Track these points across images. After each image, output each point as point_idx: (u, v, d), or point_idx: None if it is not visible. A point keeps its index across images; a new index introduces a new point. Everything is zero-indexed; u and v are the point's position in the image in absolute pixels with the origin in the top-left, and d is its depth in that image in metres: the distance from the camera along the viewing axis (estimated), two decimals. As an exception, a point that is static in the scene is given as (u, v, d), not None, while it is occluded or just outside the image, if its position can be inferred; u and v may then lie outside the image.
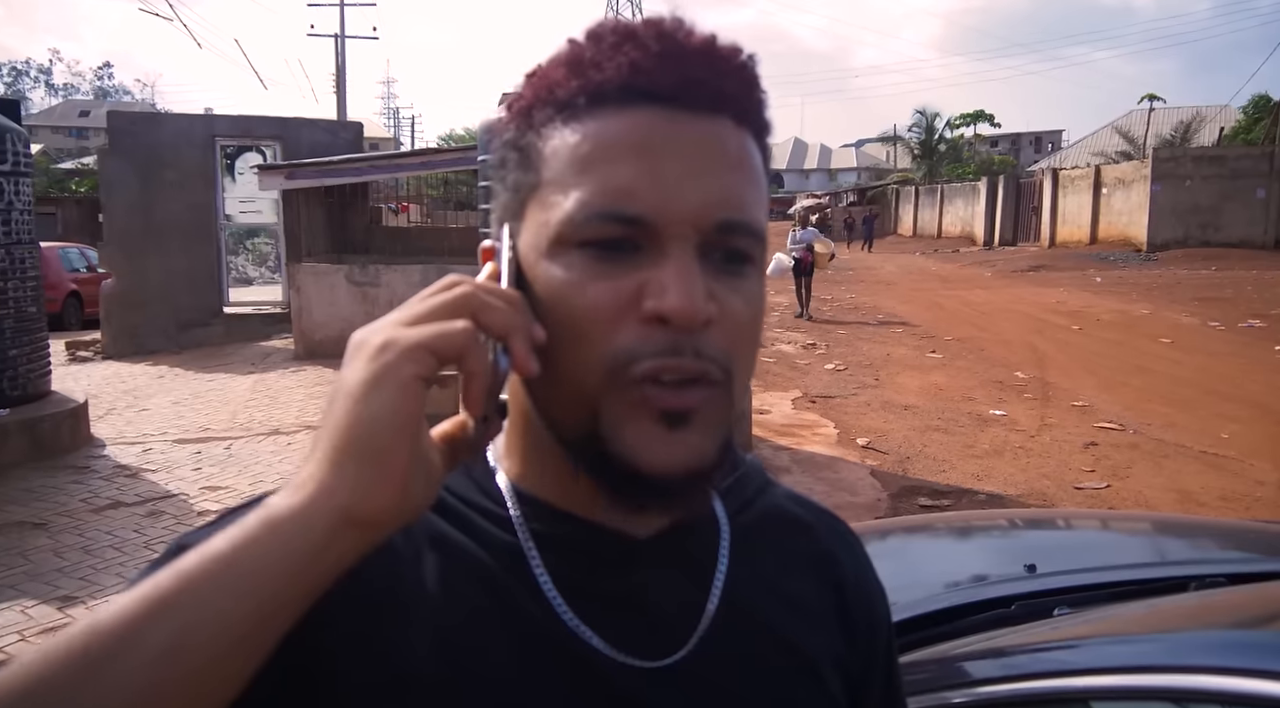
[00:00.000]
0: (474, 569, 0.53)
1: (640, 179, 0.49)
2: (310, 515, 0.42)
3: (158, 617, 0.40)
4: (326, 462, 0.42)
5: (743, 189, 0.51)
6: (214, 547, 0.41)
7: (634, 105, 0.50)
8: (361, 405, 0.42)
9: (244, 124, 12.01)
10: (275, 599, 0.41)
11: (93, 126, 56.03)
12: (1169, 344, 10.42)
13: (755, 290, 0.53)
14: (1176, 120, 33.52)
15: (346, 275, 9.83)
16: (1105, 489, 5.39)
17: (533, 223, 0.52)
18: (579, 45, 0.53)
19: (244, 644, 0.41)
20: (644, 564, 0.56)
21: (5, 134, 5.88)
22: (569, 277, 0.49)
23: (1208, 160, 23.40)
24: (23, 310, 6.03)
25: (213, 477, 5.56)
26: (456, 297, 0.46)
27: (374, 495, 0.42)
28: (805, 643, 0.60)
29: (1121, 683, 0.93)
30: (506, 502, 0.56)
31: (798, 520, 0.66)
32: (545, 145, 0.52)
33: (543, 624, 0.53)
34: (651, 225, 0.49)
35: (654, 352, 0.48)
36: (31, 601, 3.74)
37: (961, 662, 1.17)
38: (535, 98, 0.53)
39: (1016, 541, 2.04)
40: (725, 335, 0.50)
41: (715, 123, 0.51)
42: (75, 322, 13.84)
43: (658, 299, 0.48)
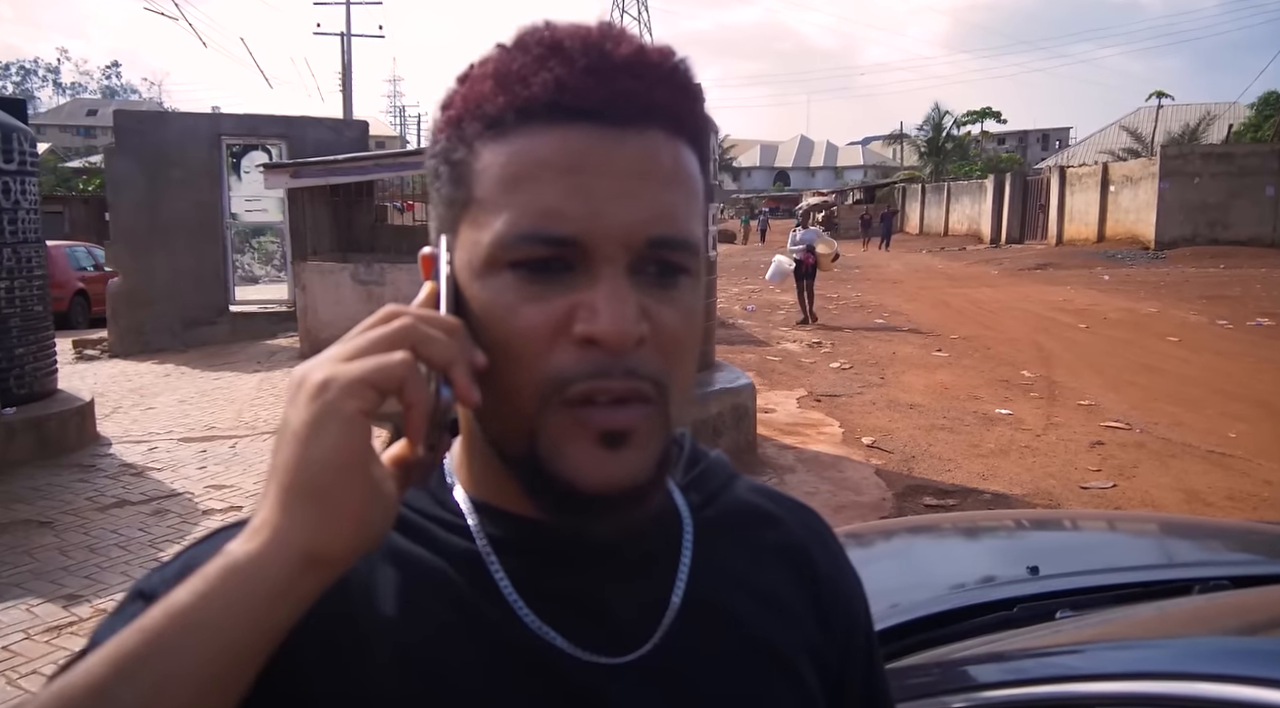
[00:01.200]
0: (433, 579, 0.54)
1: (568, 200, 0.48)
2: (269, 561, 0.42)
3: (128, 676, 0.40)
4: (278, 505, 0.42)
5: (675, 203, 0.51)
6: (176, 600, 0.42)
7: (561, 123, 0.49)
8: (306, 447, 0.42)
9: (250, 123, 12.03)
10: (242, 646, 0.42)
11: (100, 125, 56.23)
12: (1176, 343, 10.37)
13: (689, 301, 0.52)
14: (1185, 118, 33.40)
15: (352, 274, 9.84)
16: (1111, 489, 5.37)
17: (466, 240, 0.52)
18: (506, 56, 0.52)
19: (217, 692, 0.42)
20: (602, 563, 0.56)
21: (11, 133, 5.90)
22: (501, 299, 0.49)
23: (1216, 158, 23.30)
24: (29, 309, 6.05)
25: (218, 475, 5.57)
26: (395, 330, 0.45)
27: (329, 534, 0.42)
28: (776, 636, 0.59)
29: (1123, 689, 0.92)
30: (464, 511, 0.56)
31: (766, 513, 0.65)
32: (477, 161, 0.51)
33: (504, 627, 0.53)
34: (581, 246, 0.48)
35: (586, 374, 0.48)
36: (37, 599, 3.75)
37: (962, 666, 1.17)
38: (465, 110, 0.52)
39: (1020, 542, 2.03)
40: (659, 350, 0.50)
41: (645, 137, 0.50)
42: (82, 320, 13.89)
43: (588, 323, 0.48)
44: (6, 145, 5.83)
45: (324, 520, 0.42)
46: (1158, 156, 23.79)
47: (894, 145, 56.82)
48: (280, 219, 12.00)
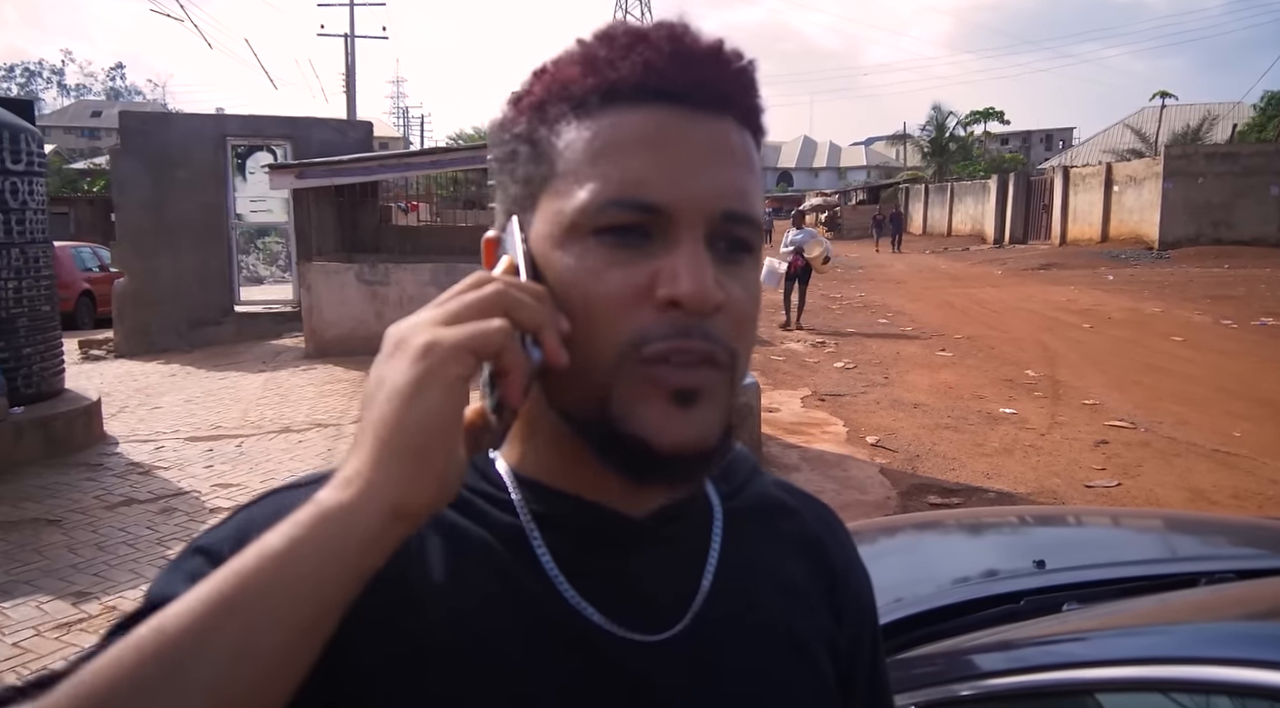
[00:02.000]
0: (478, 551, 0.55)
1: (654, 170, 0.51)
2: (362, 511, 0.43)
3: (224, 619, 0.41)
4: (374, 459, 0.44)
5: (745, 183, 0.54)
6: (269, 544, 0.43)
7: (647, 103, 0.52)
8: (409, 406, 0.44)
9: (255, 124, 12.06)
10: (333, 593, 0.43)
11: (105, 127, 56.32)
12: (1181, 342, 10.36)
13: (753, 279, 0.55)
14: (1188, 117, 33.33)
15: (357, 274, 9.87)
16: (1116, 487, 5.36)
17: (546, 212, 0.54)
18: (592, 45, 0.55)
19: (307, 639, 0.43)
20: (640, 544, 0.58)
21: (19, 134, 5.93)
22: (584, 264, 0.51)
23: (1220, 157, 23.25)
24: (37, 309, 6.08)
25: (225, 474, 5.59)
26: (489, 295, 0.47)
27: (419, 491, 0.44)
28: (795, 622, 0.62)
29: (1128, 675, 0.93)
30: (508, 486, 0.58)
31: (786, 506, 0.68)
32: (559, 139, 0.54)
33: (544, 601, 0.55)
34: (664, 213, 0.51)
35: (666, 334, 0.50)
36: (47, 596, 3.77)
37: (969, 654, 1.18)
38: (548, 94, 0.55)
39: (1026, 537, 2.04)
40: (730, 322, 0.52)
41: (721, 121, 0.54)
42: (88, 321, 13.93)
43: (671, 285, 0.50)
44: (14, 146, 5.86)
45: (415, 477, 0.43)
46: (1161, 156, 23.75)
47: (897, 146, 56.80)
48: (285, 220, 12.03)
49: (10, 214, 5.84)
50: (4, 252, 5.81)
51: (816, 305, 14.92)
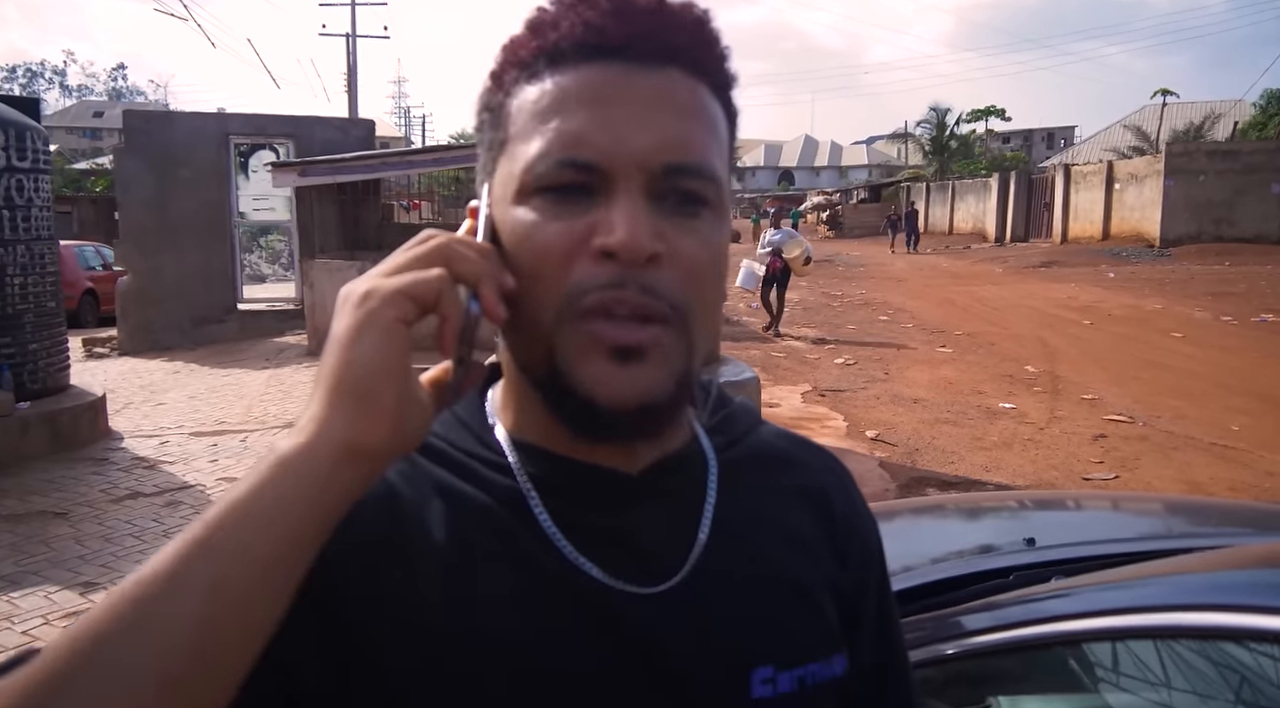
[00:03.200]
0: (478, 512, 0.57)
1: (591, 127, 0.53)
2: (314, 451, 0.46)
3: (196, 558, 0.44)
4: (324, 403, 0.47)
5: (691, 133, 0.54)
6: (234, 493, 0.46)
7: (588, 61, 0.54)
8: (350, 350, 0.47)
9: (257, 122, 12.11)
10: (295, 529, 0.45)
11: (107, 127, 56.36)
12: (1180, 338, 10.39)
13: (710, 233, 0.55)
14: (1190, 115, 33.32)
15: (359, 271, 9.80)
16: (1114, 480, 5.40)
17: (501, 175, 0.57)
18: (540, 10, 0.57)
19: (274, 573, 0.45)
20: (635, 499, 0.59)
21: (26, 132, 5.98)
22: (529, 220, 0.54)
23: (1221, 155, 23.25)
24: (42, 305, 6.13)
25: (229, 469, 5.63)
26: (431, 248, 0.51)
27: (369, 429, 0.46)
28: (796, 569, 0.63)
29: (1111, 624, 0.96)
30: (505, 450, 0.60)
31: (787, 456, 0.69)
32: (511, 104, 0.56)
33: (544, 558, 0.56)
34: (601, 169, 0.52)
35: (601, 285, 0.52)
36: (55, 586, 3.82)
37: (954, 617, 1.21)
38: (505, 61, 0.58)
39: (1017, 518, 2.08)
40: (678, 275, 0.53)
41: (664, 74, 0.55)
42: (91, 319, 13.99)
43: (605, 236, 0.52)
44: (20, 144, 5.91)
45: (363, 416, 0.46)
46: (1163, 154, 23.75)
47: (898, 144, 56.79)
48: (287, 218, 12.07)
49: (16, 211, 5.89)
50: (10, 248, 5.86)
51: (816, 303, 14.96)
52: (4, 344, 5.84)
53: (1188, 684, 1.02)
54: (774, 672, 0.59)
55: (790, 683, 0.59)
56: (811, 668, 0.61)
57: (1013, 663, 1.15)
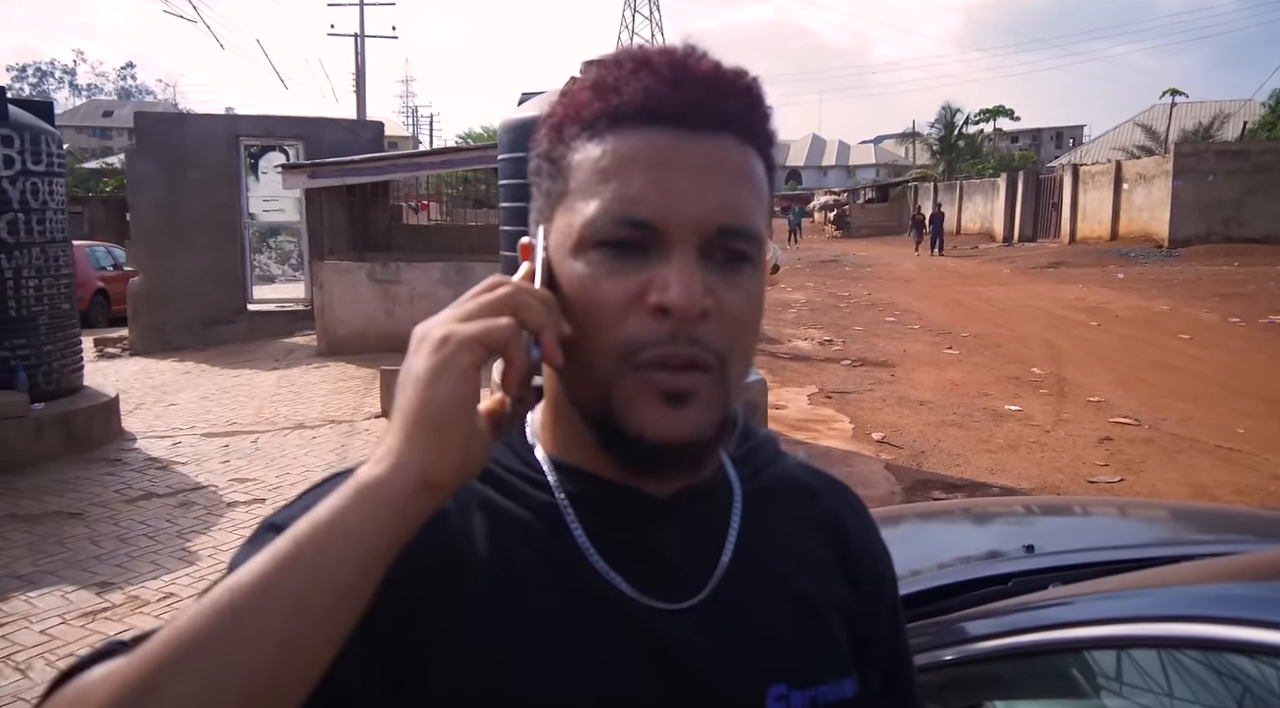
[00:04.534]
0: (518, 527, 0.62)
1: (650, 189, 0.57)
2: (393, 482, 0.50)
3: (286, 574, 0.48)
4: (402, 437, 0.51)
5: (740, 198, 0.59)
6: (318, 514, 0.49)
7: (647, 126, 0.59)
8: (429, 390, 0.51)
9: (267, 124, 12.18)
10: (373, 553, 0.49)
11: (116, 126, 56.61)
12: (1188, 340, 10.38)
13: (752, 287, 0.60)
14: (1199, 115, 33.19)
15: (368, 273, 9.97)
16: (1119, 483, 5.42)
17: (561, 225, 0.61)
18: (602, 71, 0.62)
19: (353, 593, 0.49)
20: (664, 520, 0.64)
21: (40, 135, 6.04)
22: (588, 273, 0.58)
23: (1231, 155, 23.15)
24: (56, 307, 6.19)
25: (241, 469, 5.69)
26: (500, 296, 0.55)
27: (442, 463, 0.50)
28: (812, 594, 0.67)
29: (1110, 633, 0.99)
30: (544, 470, 0.65)
31: (807, 487, 0.74)
32: (572, 158, 0.61)
33: (577, 570, 0.61)
34: (658, 229, 0.57)
35: (657, 340, 0.57)
36: (71, 586, 3.88)
37: (955, 624, 1.25)
38: (565, 116, 0.62)
39: (1017, 524, 2.11)
40: (721, 327, 0.58)
41: (718, 140, 0.59)
42: (102, 319, 14.07)
43: (661, 294, 0.56)
44: (36, 147, 5.98)
45: (438, 450, 0.50)
46: (1171, 154, 23.66)
47: (906, 144, 56.67)
48: (297, 219, 12.15)
49: (31, 214, 5.96)
50: (25, 251, 5.93)
51: (824, 304, 14.97)
52: (19, 346, 5.91)
53: (1187, 694, 1.05)
54: (788, 689, 0.63)
55: (803, 702, 0.63)
56: (823, 689, 0.65)
57: (1010, 669, 1.18)
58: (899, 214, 39.90)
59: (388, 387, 6.91)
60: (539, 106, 4.65)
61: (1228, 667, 1.09)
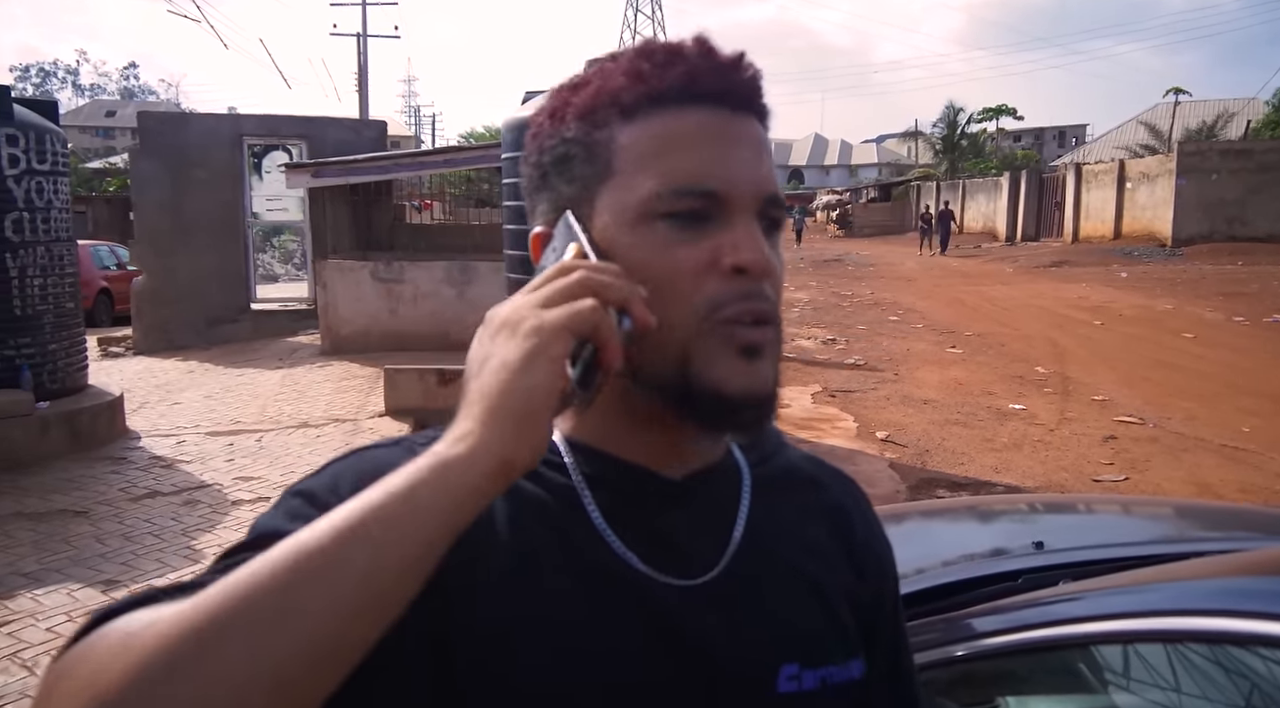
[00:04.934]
0: (535, 506, 0.63)
1: (711, 162, 0.61)
2: (474, 463, 0.50)
3: (357, 542, 0.47)
4: (484, 421, 0.51)
5: (773, 171, 0.64)
6: (394, 485, 0.49)
7: (693, 105, 0.62)
8: (519, 377, 0.51)
9: (270, 123, 12.19)
10: (443, 528, 0.49)
11: (119, 126, 56.68)
12: (1191, 339, 10.37)
13: (780, 249, 0.65)
14: (1202, 114, 33.15)
15: (372, 272, 9.98)
16: (1124, 482, 5.42)
17: (609, 205, 0.62)
18: (635, 60, 0.64)
19: (420, 564, 0.49)
20: (677, 502, 0.66)
21: (45, 135, 6.05)
22: (657, 241, 0.61)
23: (1234, 154, 23.11)
24: (61, 306, 6.21)
25: (245, 468, 5.70)
26: (577, 279, 0.55)
27: (522, 450, 0.51)
28: (819, 577, 0.69)
29: (1121, 628, 0.99)
30: (561, 450, 0.66)
31: (812, 478, 0.76)
32: (615, 140, 0.62)
33: (593, 548, 0.63)
34: (722, 198, 0.61)
35: (737, 297, 0.60)
36: (76, 584, 3.89)
37: (965, 619, 1.25)
38: (597, 102, 0.64)
39: (1026, 521, 2.11)
40: (775, 285, 0.63)
41: (749, 119, 0.64)
42: (106, 318, 14.11)
43: (735, 255, 0.60)
44: (40, 147, 5.99)
45: (520, 438, 0.51)
46: (1175, 153, 23.62)
47: (909, 143, 56.63)
48: (300, 218, 12.16)
49: (36, 213, 5.96)
50: (30, 250, 5.93)
51: (827, 303, 14.96)
52: (24, 344, 5.91)
53: (1195, 690, 1.05)
54: (799, 669, 0.64)
55: (814, 681, 0.65)
56: (832, 669, 0.66)
57: (1021, 665, 1.18)
58: (902, 213, 39.87)
59: (393, 386, 6.92)
60: (560, 97, 4.63)
61: (1235, 663, 1.09)
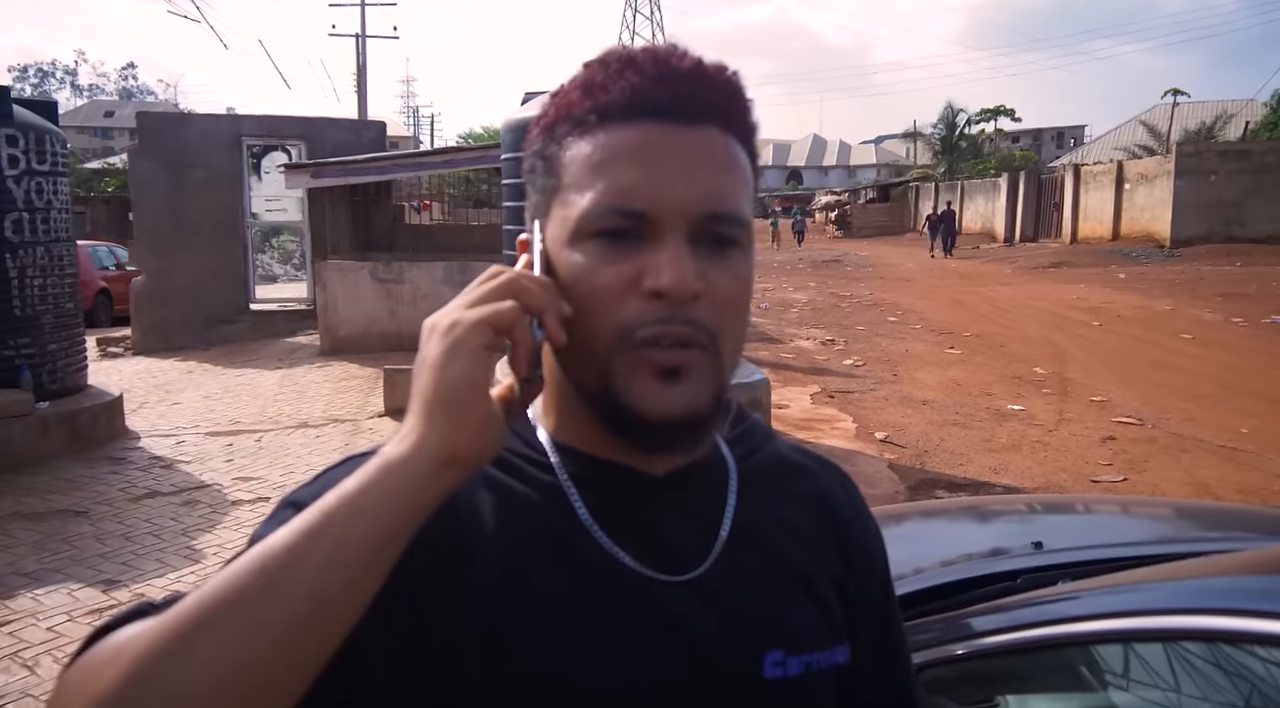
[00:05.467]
0: (523, 505, 0.65)
1: (640, 180, 0.60)
2: (416, 459, 0.53)
3: (315, 539, 0.51)
4: (422, 417, 0.53)
5: (725, 185, 0.62)
6: (345, 488, 0.53)
7: (635, 120, 0.61)
8: (442, 371, 0.54)
9: (270, 124, 12.19)
10: (397, 522, 0.52)
11: (117, 127, 56.66)
12: (1190, 340, 10.38)
13: (740, 269, 0.63)
14: (1201, 115, 33.20)
15: (371, 272, 9.98)
16: (1122, 482, 5.42)
17: (556, 219, 0.64)
18: (590, 71, 0.64)
19: (376, 557, 0.52)
20: (663, 499, 0.67)
21: (45, 135, 6.05)
22: (585, 262, 0.61)
23: (1233, 155, 23.14)
24: (61, 306, 6.21)
25: (245, 468, 5.70)
26: (502, 283, 0.58)
27: (460, 439, 0.53)
28: (805, 567, 0.70)
29: (1118, 627, 1.00)
30: (547, 451, 0.67)
31: (799, 466, 0.77)
32: (564, 155, 0.63)
33: (582, 546, 0.64)
34: (649, 217, 0.60)
35: (652, 320, 0.59)
36: (77, 584, 3.89)
37: (964, 619, 1.26)
38: (557, 116, 0.65)
39: (1025, 522, 2.11)
40: (712, 307, 0.61)
41: (703, 131, 0.62)
42: (105, 319, 14.10)
43: (654, 278, 0.59)
44: (40, 147, 5.99)
45: (456, 428, 0.53)
46: (1173, 154, 23.64)
47: (907, 144, 56.65)
48: (299, 219, 12.15)
49: (36, 213, 5.97)
50: (30, 250, 5.94)
51: (825, 304, 14.97)
52: (24, 345, 5.92)
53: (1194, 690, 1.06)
54: (784, 656, 0.66)
55: (798, 667, 0.66)
56: (817, 655, 0.68)
57: (1021, 664, 1.19)
58: (901, 214, 39.86)
59: (392, 386, 6.92)
60: (542, 106, 4.65)
61: (1234, 663, 1.09)
